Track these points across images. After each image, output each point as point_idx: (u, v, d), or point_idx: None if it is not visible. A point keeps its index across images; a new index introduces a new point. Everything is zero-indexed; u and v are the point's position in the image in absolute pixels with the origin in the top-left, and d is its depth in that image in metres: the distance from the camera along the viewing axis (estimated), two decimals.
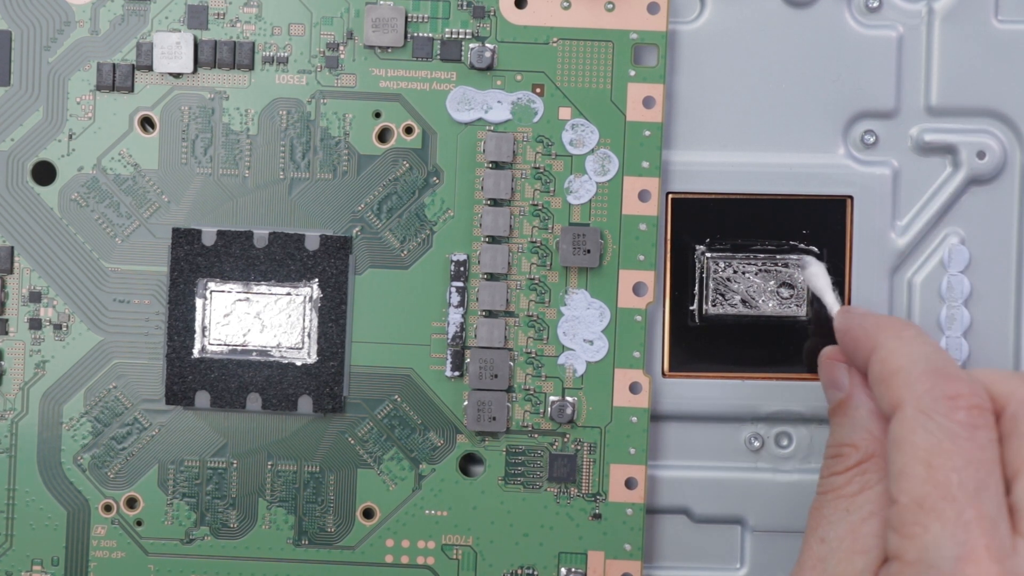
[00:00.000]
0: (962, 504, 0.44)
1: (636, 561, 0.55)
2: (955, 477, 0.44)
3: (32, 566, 0.55)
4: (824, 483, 0.50)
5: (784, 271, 0.55)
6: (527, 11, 0.54)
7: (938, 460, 0.44)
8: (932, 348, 0.47)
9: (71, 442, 0.55)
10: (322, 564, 0.55)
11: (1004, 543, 0.43)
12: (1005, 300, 0.55)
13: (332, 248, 0.54)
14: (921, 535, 0.44)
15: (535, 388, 0.54)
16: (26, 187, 0.54)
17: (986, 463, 0.44)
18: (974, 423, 0.45)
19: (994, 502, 0.44)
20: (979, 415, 0.45)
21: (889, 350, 0.47)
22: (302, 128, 0.54)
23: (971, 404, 0.45)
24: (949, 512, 0.44)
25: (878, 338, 0.48)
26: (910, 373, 0.46)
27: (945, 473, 0.44)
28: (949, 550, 0.43)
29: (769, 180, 0.55)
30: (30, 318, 0.54)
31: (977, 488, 0.44)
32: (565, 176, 0.54)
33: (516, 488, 0.55)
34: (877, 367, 0.47)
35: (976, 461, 0.44)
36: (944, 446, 0.44)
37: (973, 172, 0.55)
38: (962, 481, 0.44)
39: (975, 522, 0.43)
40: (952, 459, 0.44)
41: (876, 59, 0.55)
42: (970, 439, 0.44)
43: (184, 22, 0.54)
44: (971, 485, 0.44)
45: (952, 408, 0.45)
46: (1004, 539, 0.43)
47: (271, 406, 0.54)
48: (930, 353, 0.47)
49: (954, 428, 0.44)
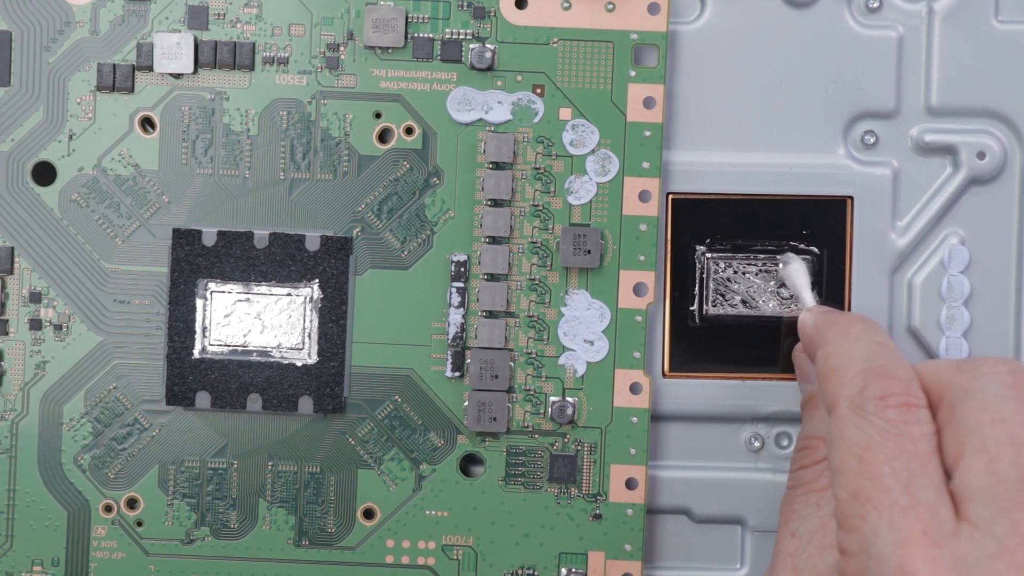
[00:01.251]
0: (896, 493, 0.44)
1: (636, 561, 0.55)
2: (887, 468, 0.44)
3: (32, 566, 0.55)
4: (793, 477, 0.50)
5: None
6: (527, 11, 0.54)
7: (869, 454, 0.45)
8: (874, 345, 0.47)
9: (71, 443, 0.55)
10: (322, 564, 0.55)
11: (944, 527, 0.44)
12: (1005, 300, 0.55)
13: (332, 249, 0.54)
14: (860, 526, 0.44)
15: (535, 388, 0.55)
16: (26, 187, 0.54)
17: (919, 454, 0.45)
18: (904, 419, 0.45)
19: (930, 489, 0.44)
20: (909, 412, 0.45)
21: (831, 347, 0.48)
22: (302, 129, 0.54)
23: (901, 402, 0.45)
24: (884, 501, 0.44)
25: (825, 334, 0.49)
26: (845, 372, 0.47)
27: (877, 465, 0.44)
28: (887, 536, 0.44)
29: (769, 180, 0.55)
30: (30, 319, 0.54)
31: (910, 477, 0.44)
32: (565, 176, 0.54)
33: (516, 488, 0.55)
34: (820, 363, 0.48)
35: (908, 453, 0.44)
36: (874, 441, 0.45)
37: (973, 172, 0.55)
38: (894, 471, 0.44)
39: (911, 508, 0.44)
40: (883, 451, 0.45)
41: (876, 59, 0.55)
42: (900, 433, 0.45)
43: (184, 22, 0.54)
44: (904, 475, 0.44)
45: (882, 407, 0.45)
46: (944, 523, 0.44)
47: (271, 407, 0.54)
48: (870, 351, 0.47)
49: (883, 425, 0.45)
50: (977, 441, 0.44)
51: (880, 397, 0.45)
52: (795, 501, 0.50)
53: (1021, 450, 0.44)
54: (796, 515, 0.49)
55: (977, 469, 0.44)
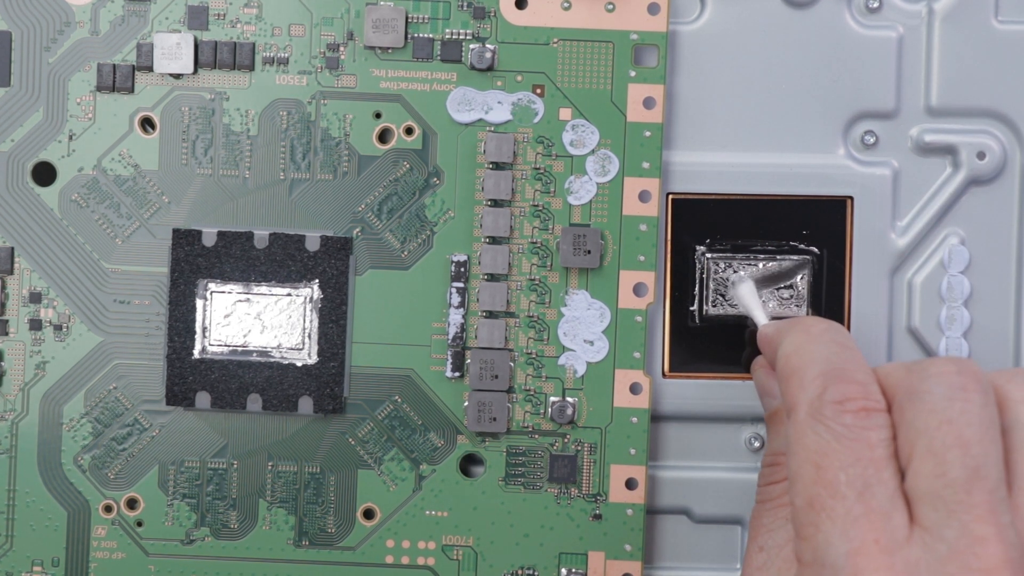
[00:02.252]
0: (850, 501, 0.44)
1: (636, 562, 0.55)
2: (842, 476, 0.44)
3: (32, 567, 0.55)
4: (762, 492, 0.50)
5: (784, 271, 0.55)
6: (527, 12, 0.54)
7: (825, 460, 0.45)
8: (834, 346, 0.47)
9: (71, 443, 0.55)
10: (322, 565, 0.55)
11: (897, 535, 0.44)
12: (1005, 300, 0.56)
13: (332, 249, 0.54)
14: (814, 535, 0.44)
15: (535, 389, 0.55)
16: (26, 188, 0.54)
17: (876, 460, 0.44)
18: (862, 424, 0.45)
19: (885, 495, 0.44)
20: (867, 416, 0.45)
21: (792, 348, 0.48)
22: (302, 129, 0.54)
23: (859, 407, 0.45)
24: (839, 509, 0.44)
25: (785, 334, 0.49)
26: (804, 375, 0.46)
27: (833, 472, 0.44)
28: (840, 546, 0.44)
29: (769, 180, 0.55)
30: (30, 319, 0.54)
31: (866, 484, 0.44)
32: (565, 177, 0.54)
33: (516, 488, 0.55)
34: (780, 364, 0.48)
35: (864, 459, 0.44)
36: (831, 447, 0.45)
37: (973, 172, 0.55)
38: (850, 479, 0.44)
39: (864, 517, 0.44)
40: (839, 458, 0.45)
41: (876, 59, 0.55)
42: (857, 439, 0.45)
43: (184, 23, 0.54)
44: (859, 482, 0.44)
45: (839, 412, 0.45)
46: (897, 530, 0.44)
47: (271, 407, 0.54)
48: (829, 354, 0.47)
49: (840, 430, 0.45)
50: (925, 443, 0.44)
51: (838, 402, 0.45)
52: (764, 515, 0.50)
53: (968, 451, 0.44)
54: (764, 529, 0.49)
55: (925, 472, 0.44)
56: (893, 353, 0.55)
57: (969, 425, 0.44)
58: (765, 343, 0.51)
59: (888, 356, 0.55)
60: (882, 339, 0.55)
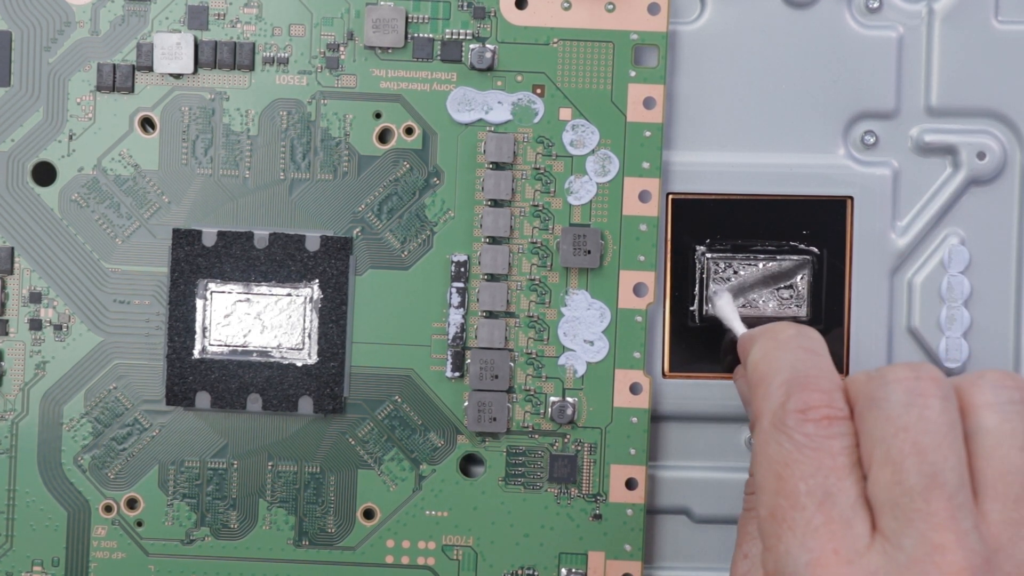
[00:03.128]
0: (810, 511, 0.44)
1: (636, 562, 0.55)
2: (802, 485, 0.44)
3: (32, 567, 0.55)
4: (747, 500, 0.50)
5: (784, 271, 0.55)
6: (527, 12, 0.54)
7: (787, 471, 0.44)
8: (800, 352, 0.47)
9: (71, 443, 0.55)
10: (322, 565, 0.55)
11: (857, 544, 0.44)
12: (1005, 300, 0.56)
13: (332, 249, 0.54)
14: (776, 545, 0.44)
15: (535, 389, 0.55)
16: (26, 188, 0.54)
17: (837, 468, 0.44)
18: (823, 434, 0.45)
19: (846, 504, 0.44)
20: (829, 425, 0.45)
21: (759, 355, 0.48)
22: (302, 129, 0.54)
23: (821, 415, 0.45)
24: (799, 520, 0.44)
25: (755, 339, 0.48)
26: (770, 384, 0.46)
27: (793, 483, 0.44)
28: (800, 557, 0.44)
29: (769, 180, 0.55)
30: (30, 319, 0.54)
31: (826, 493, 0.44)
32: (565, 177, 0.54)
33: (516, 488, 0.55)
34: (749, 372, 0.48)
35: (825, 468, 0.44)
36: (793, 457, 0.45)
37: (973, 172, 0.55)
38: (810, 489, 0.44)
39: (824, 527, 0.44)
40: (800, 468, 0.44)
41: (876, 59, 0.55)
42: (818, 448, 0.44)
43: (184, 23, 0.54)
44: (819, 492, 0.44)
45: (801, 421, 0.45)
46: (857, 539, 0.44)
47: (271, 407, 0.54)
48: (795, 360, 0.47)
49: (802, 440, 0.45)
50: (883, 451, 0.44)
51: (800, 411, 0.45)
52: (748, 523, 0.49)
53: (925, 458, 0.43)
54: (749, 536, 0.49)
55: (884, 480, 0.44)
56: (893, 353, 0.55)
57: (926, 432, 0.44)
58: (741, 351, 0.51)
59: (888, 356, 0.55)
60: (882, 339, 0.55)
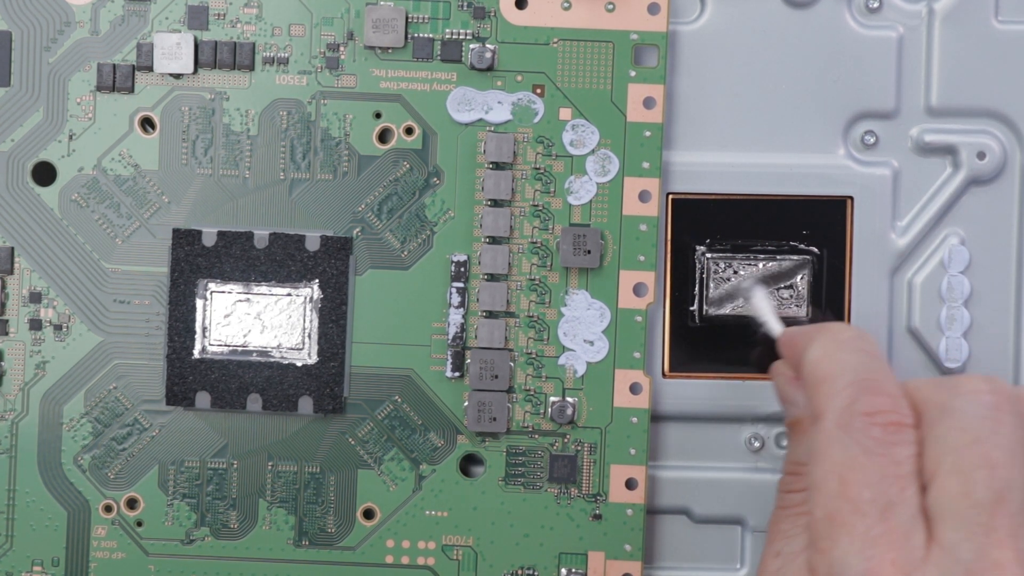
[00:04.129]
0: (872, 519, 0.44)
1: (636, 562, 0.55)
2: (867, 492, 0.44)
3: (32, 567, 0.55)
4: (782, 498, 0.49)
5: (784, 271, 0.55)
6: (527, 12, 0.54)
7: (851, 475, 0.44)
8: (864, 356, 0.47)
9: (71, 443, 0.55)
10: (322, 565, 0.55)
11: (914, 555, 0.43)
12: (1005, 300, 0.55)
13: (332, 249, 0.54)
14: (831, 549, 0.44)
15: (535, 389, 0.55)
16: (26, 188, 0.54)
17: (901, 478, 0.44)
18: (890, 439, 0.44)
19: (907, 515, 0.44)
20: (896, 431, 0.45)
21: (821, 354, 0.47)
22: (302, 129, 0.54)
23: (889, 420, 0.45)
24: (859, 527, 0.44)
25: (814, 338, 0.48)
26: (835, 384, 0.46)
27: (857, 489, 0.44)
28: (857, 565, 0.43)
29: (769, 180, 0.55)
30: (30, 319, 0.54)
31: (889, 503, 0.44)
32: (565, 177, 0.54)
33: (516, 488, 0.55)
34: (807, 369, 0.47)
35: (890, 476, 0.44)
36: (859, 461, 0.44)
37: (973, 172, 0.55)
38: (874, 496, 0.44)
39: (883, 537, 0.43)
40: (865, 474, 0.44)
41: (876, 59, 0.55)
42: (885, 455, 0.44)
43: (184, 23, 0.54)
44: (883, 500, 0.44)
45: (869, 424, 0.44)
46: (915, 551, 0.43)
47: (271, 407, 0.54)
48: (859, 363, 0.46)
49: (869, 444, 0.44)
50: (952, 461, 0.44)
51: (868, 413, 0.45)
52: (782, 521, 0.49)
53: (995, 472, 0.43)
54: (782, 535, 0.49)
55: (950, 490, 0.44)
56: (893, 353, 0.55)
57: (998, 447, 0.44)
58: (789, 347, 0.50)
59: (888, 356, 0.55)
60: (882, 339, 0.55)
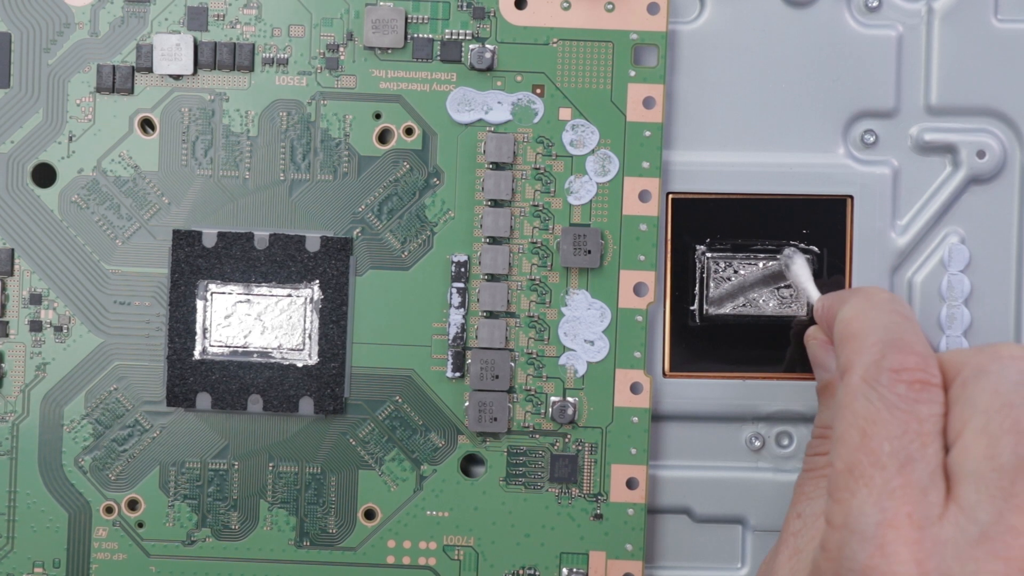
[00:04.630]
0: (891, 472, 0.44)
1: (637, 561, 0.55)
2: (887, 446, 0.44)
3: (33, 568, 0.55)
4: (808, 461, 0.50)
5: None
6: (527, 12, 0.54)
7: (873, 428, 0.44)
8: (896, 316, 0.47)
9: (72, 444, 0.55)
10: (323, 565, 0.55)
11: (930, 511, 0.44)
12: (1005, 299, 0.56)
13: (333, 249, 0.54)
14: (848, 500, 0.44)
15: (536, 389, 0.55)
16: (26, 189, 0.54)
17: (923, 435, 0.44)
18: (915, 397, 0.45)
19: (926, 471, 0.44)
20: (922, 389, 0.45)
21: (853, 313, 0.48)
22: (302, 129, 0.54)
23: (915, 378, 0.45)
24: (878, 479, 0.44)
25: (848, 299, 0.49)
26: (864, 340, 0.46)
27: (878, 441, 0.44)
28: (872, 516, 0.44)
29: (769, 180, 0.55)
30: (31, 320, 0.54)
31: (909, 457, 0.44)
32: (565, 177, 0.54)
33: (517, 488, 0.55)
34: (838, 328, 0.48)
35: (912, 432, 0.44)
36: (881, 415, 0.44)
37: (973, 171, 0.55)
38: (894, 450, 0.44)
39: (901, 490, 0.44)
40: (887, 428, 0.44)
41: (876, 59, 0.55)
42: (908, 411, 0.44)
43: (184, 24, 0.54)
44: (903, 454, 0.44)
45: (895, 380, 0.45)
46: (932, 507, 0.44)
47: (272, 407, 0.54)
48: (891, 322, 0.47)
49: (893, 399, 0.45)
50: (981, 422, 0.44)
51: (895, 370, 0.45)
52: (806, 483, 0.49)
53: (1023, 439, 0.44)
54: (805, 496, 0.49)
55: (975, 451, 0.44)
56: None
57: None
58: (823, 312, 0.51)
59: None
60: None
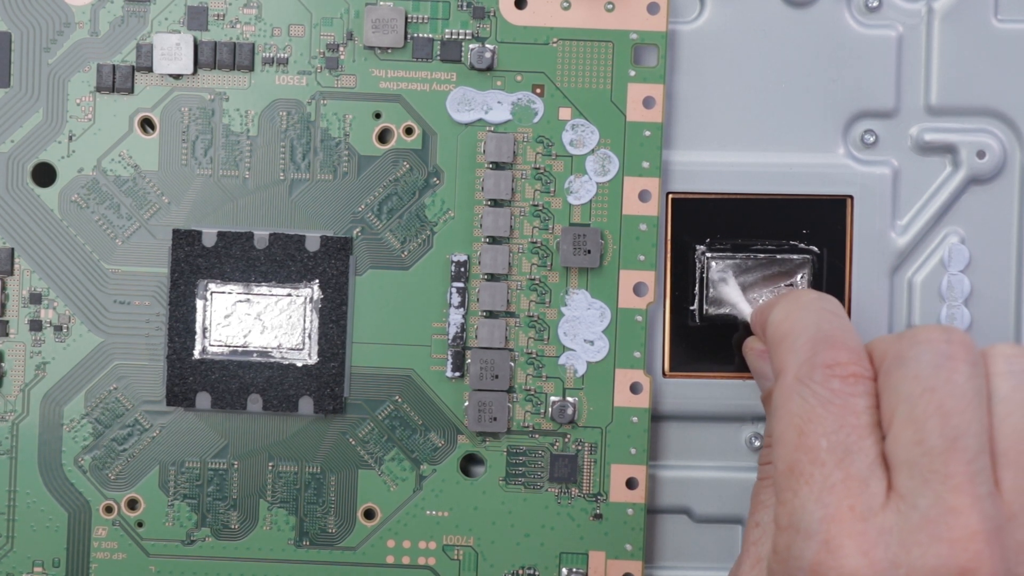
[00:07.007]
0: (830, 467, 0.44)
1: (637, 561, 0.55)
2: (824, 442, 0.44)
3: (33, 567, 0.55)
4: (761, 470, 0.50)
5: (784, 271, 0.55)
6: (527, 11, 0.54)
7: (809, 426, 0.45)
8: (825, 314, 0.47)
9: (72, 444, 0.55)
10: (323, 565, 0.55)
11: (872, 502, 0.44)
12: (1005, 300, 0.56)
13: (333, 249, 0.54)
14: (791, 499, 0.45)
15: (536, 388, 0.55)
16: (26, 189, 0.54)
17: (859, 427, 0.45)
18: (849, 390, 0.45)
19: (865, 463, 0.44)
20: (855, 382, 0.45)
21: (782, 315, 0.48)
22: (302, 129, 0.54)
23: (848, 372, 0.45)
24: (817, 476, 0.44)
25: (776, 303, 0.49)
26: (796, 340, 0.47)
27: (815, 438, 0.45)
28: (815, 512, 0.44)
29: (769, 180, 0.55)
30: (30, 320, 0.54)
31: (847, 451, 0.44)
32: (565, 176, 0.54)
33: (517, 488, 0.55)
34: (770, 331, 0.48)
35: (848, 426, 0.45)
36: (816, 412, 0.45)
37: (973, 172, 0.55)
38: (831, 445, 0.44)
39: (841, 484, 0.44)
40: (823, 424, 0.45)
41: (876, 59, 0.55)
42: (843, 405, 0.45)
43: (184, 23, 0.54)
44: (840, 449, 0.44)
45: (828, 376, 0.45)
46: (873, 498, 0.44)
47: (272, 407, 0.54)
48: (820, 319, 0.47)
49: (827, 395, 0.45)
50: (906, 410, 0.44)
51: (828, 365, 0.45)
52: (761, 492, 0.50)
53: (948, 420, 0.44)
54: (761, 505, 0.49)
55: (904, 439, 0.44)
56: None
57: (952, 395, 0.44)
58: (756, 319, 0.51)
59: None
60: None
